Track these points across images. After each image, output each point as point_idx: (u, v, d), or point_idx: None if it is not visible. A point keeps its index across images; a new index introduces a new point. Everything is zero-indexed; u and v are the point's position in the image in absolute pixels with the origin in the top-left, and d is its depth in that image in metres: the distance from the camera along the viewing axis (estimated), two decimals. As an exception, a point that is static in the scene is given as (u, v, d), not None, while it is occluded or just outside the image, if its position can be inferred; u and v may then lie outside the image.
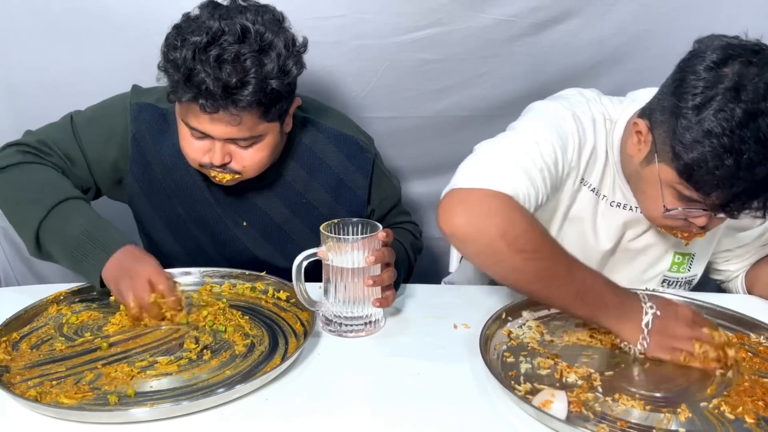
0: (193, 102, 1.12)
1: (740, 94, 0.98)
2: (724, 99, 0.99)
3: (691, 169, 1.02)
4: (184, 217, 1.37)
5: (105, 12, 1.57)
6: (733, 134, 0.98)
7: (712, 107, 0.99)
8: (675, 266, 1.34)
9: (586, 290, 1.03)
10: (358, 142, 1.38)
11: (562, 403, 0.90)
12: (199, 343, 1.08)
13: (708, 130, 0.99)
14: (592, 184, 1.25)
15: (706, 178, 1.01)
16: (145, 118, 1.32)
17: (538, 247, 1.02)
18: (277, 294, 1.25)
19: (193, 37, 1.11)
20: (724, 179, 1.00)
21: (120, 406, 0.92)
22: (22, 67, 1.61)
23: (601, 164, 1.23)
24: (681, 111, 1.03)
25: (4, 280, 1.84)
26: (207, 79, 1.09)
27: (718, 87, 0.99)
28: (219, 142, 1.18)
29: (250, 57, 1.11)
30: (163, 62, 1.16)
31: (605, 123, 1.23)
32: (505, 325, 1.14)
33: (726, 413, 0.93)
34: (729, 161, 0.98)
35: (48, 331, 1.13)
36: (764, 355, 1.09)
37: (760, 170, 0.99)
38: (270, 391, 0.98)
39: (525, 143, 1.12)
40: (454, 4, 1.60)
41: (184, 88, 1.11)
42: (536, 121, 1.18)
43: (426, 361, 1.07)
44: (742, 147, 0.98)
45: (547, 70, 1.68)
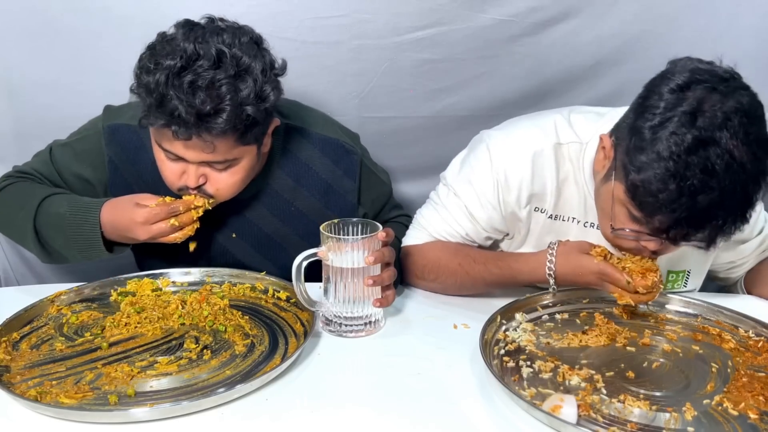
0: (166, 128, 1.10)
1: (696, 119, 0.97)
2: (679, 123, 0.97)
3: (636, 189, 1.01)
4: None
5: (105, 12, 1.57)
6: (680, 159, 0.96)
7: (667, 129, 0.98)
8: (670, 284, 1.34)
9: (491, 283, 1.26)
10: (344, 146, 1.36)
11: (571, 407, 0.90)
12: (199, 343, 1.08)
13: (658, 152, 0.98)
14: (548, 210, 1.27)
15: (649, 200, 1.00)
16: (119, 140, 1.31)
17: (436, 272, 1.29)
18: (277, 294, 1.25)
19: (166, 60, 1.07)
20: (666, 203, 0.99)
21: (120, 406, 0.93)
22: (22, 67, 1.60)
23: (552, 193, 1.25)
24: (638, 130, 1.02)
25: (4, 280, 1.83)
26: (180, 105, 1.05)
27: (677, 109, 0.98)
28: (193, 165, 1.16)
29: (225, 83, 1.07)
30: (135, 85, 1.12)
31: (559, 150, 1.24)
32: (500, 329, 1.14)
33: (729, 410, 0.94)
34: (672, 186, 0.97)
35: (48, 331, 1.13)
36: (754, 349, 1.10)
37: (702, 199, 0.97)
38: (270, 391, 0.98)
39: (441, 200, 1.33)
40: (454, 4, 1.60)
41: (156, 113, 1.08)
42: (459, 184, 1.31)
43: (426, 361, 1.07)
44: (687, 173, 0.96)
45: (547, 70, 1.68)
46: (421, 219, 1.36)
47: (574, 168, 1.24)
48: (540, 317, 1.20)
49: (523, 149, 1.24)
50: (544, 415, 0.89)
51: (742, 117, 0.97)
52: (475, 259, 1.27)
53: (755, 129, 0.98)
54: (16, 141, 1.67)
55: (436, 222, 1.32)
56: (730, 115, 0.96)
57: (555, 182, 1.24)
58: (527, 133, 1.26)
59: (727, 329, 1.16)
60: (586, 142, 1.23)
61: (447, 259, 1.28)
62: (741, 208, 1.00)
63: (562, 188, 1.25)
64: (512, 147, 1.25)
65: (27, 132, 1.66)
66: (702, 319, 1.19)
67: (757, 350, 1.09)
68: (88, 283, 1.25)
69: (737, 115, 0.97)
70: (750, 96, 1.00)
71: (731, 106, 0.97)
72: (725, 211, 0.99)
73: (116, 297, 1.23)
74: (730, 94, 0.98)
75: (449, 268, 1.28)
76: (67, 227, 1.20)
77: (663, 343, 1.11)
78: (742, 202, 0.99)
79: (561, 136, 1.24)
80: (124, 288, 1.26)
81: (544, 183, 1.24)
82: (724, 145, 0.96)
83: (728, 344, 1.11)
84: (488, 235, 1.31)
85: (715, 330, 1.15)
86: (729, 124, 0.96)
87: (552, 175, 1.24)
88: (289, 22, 1.59)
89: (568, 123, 1.26)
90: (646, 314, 1.21)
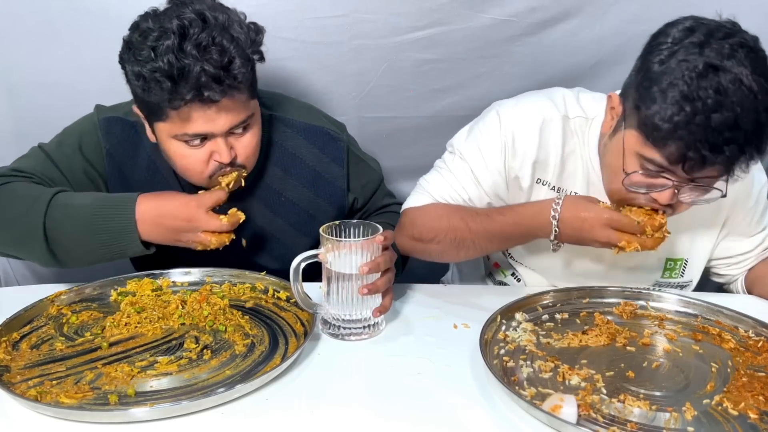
0: (193, 101, 1.11)
1: (704, 49, 1.00)
2: (687, 51, 1.01)
3: (650, 120, 1.03)
4: None
5: (105, 12, 1.56)
6: (692, 82, 0.99)
7: (677, 57, 1.01)
8: (667, 272, 1.34)
9: (493, 234, 1.24)
10: (329, 133, 1.38)
11: (571, 407, 0.90)
12: (199, 342, 1.08)
13: (669, 81, 1.01)
14: (551, 182, 1.28)
15: (663, 127, 1.01)
16: (116, 131, 1.31)
17: (436, 230, 1.26)
18: (277, 294, 1.25)
19: (162, 42, 1.09)
20: (681, 125, 1.00)
21: (120, 405, 0.93)
22: (22, 67, 1.60)
23: (557, 164, 1.26)
24: (646, 67, 1.05)
25: (4, 280, 1.83)
26: (203, 68, 1.08)
27: (684, 42, 1.02)
28: (221, 139, 1.18)
29: (221, 36, 1.11)
30: (141, 83, 1.11)
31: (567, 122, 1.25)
32: (500, 329, 1.14)
33: (729, 410, 0.94)
34: (687, 107, 0.99)
35: (48, 330, 1.13)
36: (754, 349, 1.10)
37: (716, 117, 0.98)
38: (270, 391, 0.98)
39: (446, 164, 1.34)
40: (454, 4, 1.60)
41: (182, 90, 1.09)
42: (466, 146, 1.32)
43: (426, 361, 1.07)
44: (700, 93, 0.98)
45: (547, 70, 1.68)
46: (424, 183, 1.35)
47: (580, 142, 1.26)
48: (540, 317, 1.19)
49: (533, 117, 1.26)
50: (544, 414, 0.89)
51: (749, 51, 1.00)
52: (478, 212, 1.27)
53: (761, 64, 1.01)
54: (16, 141, 1.66)
55: (440, 185, 1.32)
56: (736, 47, 1.00)
57: (560, 153, 1.25)
58: (537, 103, 1.28)
59: (727, 329, 1.16)
60: (592, 118, 1.25)
61: (448, 215, 1.26)
62: (755, 134, 1.01)
63: (567, 161, 1.26)
64: (522, 113, 1.27)
65: (27, 132, 1.65)
66: (702, 319, 1.19)
67: (757, 350, 1.09)
68: (88, 283, 1.25)
69: (743, 48, 1.00)
70: (753, 37, 1.04)
71: (737, 41, 1.01)
72: (739, 132, 1.00)
73: (116, 297, 1.23)
74: (734, 33, 1.02)
75: (450, 223, 1.25)
76: (92, 219, 1.15)
77: (663, 343, 1.11)
78: (756, 129, 1.00)
79: (569, 110, 1.27)
80: (124, 288, 1.26)
81: (549, 152, 1.26)
82: (734, 72, 0.99)
83: (728, 344, 1.11)
84: (490, 201, 1.31)
85: (715, 330, 1.15)
86: (736, 54, 1.00)
87: (558, 146, 1.25)
88: (289, 22, 1.59)
89: (576, 99, 1.29)
90: (646, 314, 1.21)
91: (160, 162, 1.31)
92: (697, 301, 1.22)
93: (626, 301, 1.23)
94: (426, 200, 1.32)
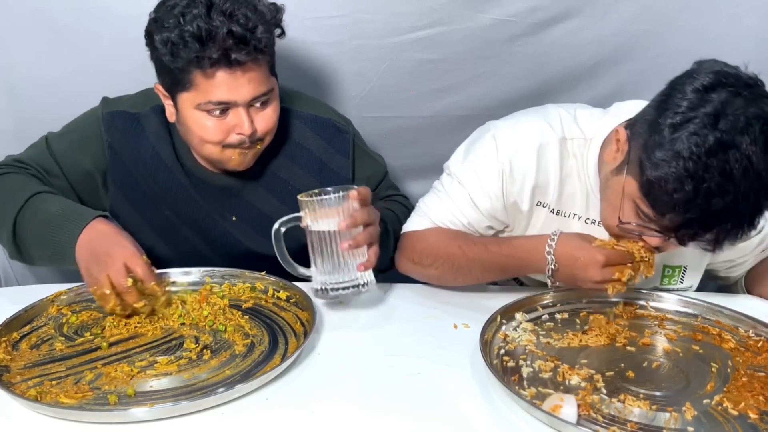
0: (219, 65, 1.15)
1: (719, 122, 0.96)
2: (701, 123, 0.97)
3: (651, 185, 1.01)
4: (172, 219, 1.37)
5: (105, 12, 1.57)
6: (699, 160, 0.96)
7: (688, 129, 0.98)
8: (666, 279, 1.33)
9: (489, 265, 1.24)
10: (335, 124, 1.41)
11: (571, 407, 0.90)
12: (199, 342, 1.09)
13: (677, 151, 0.98)
14: (550, 205, 1.27)
15: (663, 199, 1.00)
16: (118, 125, 1.33)
17: (434, 256, 1.28)
18: (277, 294, 1.24)
19: (188, 10, 1.14)
20: (680, 203, 0.99)
21: (120, 405, 0.93)
22: (22, 67, 1.60)
23: (555, 187, 1.25)
24: (658, 126, 1.02)
25: (4, 280, 1.83)
26: (232, 28, 1.13)
27: (699, 110, 0.98)
28: (242, 109, 1.21)
29: (246, 7, 1.16)
30: (169, 49, 1.15)
31: (564, 145, 1.25)
32: (500, 328, 1.14)
33: (729, 410, 0.94)
34: (689, 186, 0.97)
35: (48, 330, 1.13)
36: (754, 348, 1.10)
37: (717, 202, 0.97)
38: (270, 391, 0.98)
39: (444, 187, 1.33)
40: (454, 4, 1.60)
41: (210, 52, 1.13)
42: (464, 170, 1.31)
43: (426, 361, 1.07)
44: (705, 175, 0.96)
45: (547, 70, 1.68)
46: (423, 206, 1.36)
47: (578, 164, 1.25)
48: (540, 317, 1.19)
49: (530, 141, 1.25)
50: (544, 414, 0.89)
51: (764, 125, 0.97)
52: (475, 241, 1.28)
53: None
54: (16, 141, 1.65)
55: (439, 209, 1.32)
56: (752, 120, 0.96)
57: (558, 176, 1.25)
58: (534, 126, 1.27)
59: (727, 329, 1.16)
60: (590, 138, 1.24)
61: (447, 242, 1.28)
62: (751, 214, 1.00)
63: (565, 183, 1.26)
64: (519, 138, 1.26)
65: (27, 132, 1.64)
66: (702, 319, 1.19)
67: (757, 350, 1.09)
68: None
69: (759, 122, 0.97)
70: None
71: (754, 113, 0.97)
72: (737, 216, 0.99)
73: None
74: (753, 100, 0.98)
75: (448, 251, 1.27)
76: (49, 225, 1.17)
77: (663, 343, 1.11)
78: (754, 209, 1.00)
79: (566, 131, 1.25)
80: None
81: (548, 176, 1.25)
82: (744, 150, 0.96)
83: (728, 344, 1.11)
84: (489, 225, 1.31)
85: (715, 330, 1.15)
86: (750, 129, 0.96)
87: (556, 169, 1.24)
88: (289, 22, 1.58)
89: (573, 118, 1.27)
90: (646, 314, 1.21)
91: (164, 152, 1.33)
92: (697, 301, 1.22)
93: (626, 300, 1.23)
94: (426, 224, 1.33)
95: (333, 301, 1.17)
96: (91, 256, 1.12)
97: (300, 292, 1.20)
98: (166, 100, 1.27)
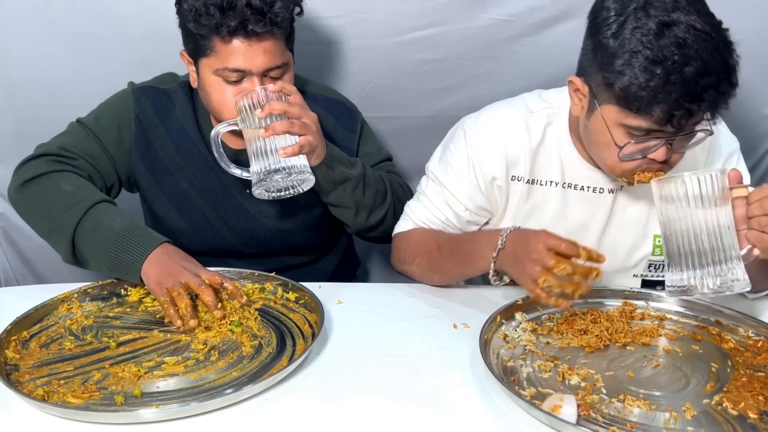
0: (236, 34, 1.21)
1: (649, 10, 1.04)
2: (635, 18, 1.04)
3: (626, 91, 1.05)
4: (188, 191, 1.42)
5: (105, 12, 1.57)
6: (653, 45, 1.02)
7: (628, 28, 1.04)
8: (657, 249, 1.34)
9: (456, 254, 1.25)
10: (345, 104, 1.47)
11: (571, 407, 0.91)
12: (207, 343, 1.09)
13: (630, 49, 1.04)
14: (523, 177, 1.30)
15: (642, 95, 1.04)
16: (148, 98, 1.40)
17: (414, 254, 1.33)
18: (286, 295, 1.25)
19: None
20: (659, 88, 1.02)
21: (126, 406, 0.93)
22: (22, 67, 1.60)
23: (527, 158, 1.28)
24: (602, 45, 1.07)
25: (4, 280, 1.84)
26: (250, 1, 1.19)
27: (627, 10, 1.05)
28: (257, 78, 1.25)
29: None
30: (193, 16, 1.21)
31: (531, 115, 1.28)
32: (500, 329, 1.15)
33: (729, 409, 0.94)
34: (658, 70, 1.02)
35: (58, 330, 1.13)
36: (754, 348, 1.11)
37: (689, 70, 1.01)
38: (270, 391, 0.98)
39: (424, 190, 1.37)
40: (454, 4, 1.60)
41: (230, 17, 1.19)
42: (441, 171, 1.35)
43: (426, 361, 1.07)
44: (665, 53, 1.01)
45: (547, 70, 1.68)
46: (408, 210, 1.40)
47: (549, 131, 1.28)
48: (540, 317, 1.20)
49: (495, 123, 1.30)
50: (543, 414, 0.90)
51: None
52: (450, 235, 1.32)
53: (701, 5, 1.06)
54: (16, 141, 1.66)
55: (419, 210, 1.36)
56: None
57: (528, 147, 1.28)
58: (498, 110, 1.32)
59: (727, 329, 1.17)
60: (558, 106, 1.29)
61: (425, 239, 1.33)
62: (725, 71, 1.05)
63: (537, 152, 1.29)
64: (484, 123, 1.31)
65: (27, 132, 1.65)
66: (701, 319, 1.20)
67: (757, 350, 1.10)
68: (98, 283, 1.26)
69: None
70: None
71: None
72: (712, 76, 1.03)
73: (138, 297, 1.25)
74: None
75: (425, 248, 1.31)
76: (111, 243, 1.20)
77: (663, 343, 1.12)
78: (724, 66, 1.04)
79: (531, 106, 1.30)
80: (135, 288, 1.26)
81: (517, 150, 1.28)
82: (684, 21, 1.02)
83: (728, 344, 1.12)
84: (470, 219, 1.34)
85: (715, 330, 1.16)
86: (679, 4, 1.04)
87: (524, 141, 1.27)
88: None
89: (538, 96, 1.33)
90: (646, 314, 1.22)
91: (188, 124, 1.40)
92: (697, 301, 1.22)
93: (626, 301, 1.24)
94: (409, 226, 1.38)
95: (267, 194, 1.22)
96: (163, 270, 1.17)
97: (309, 293, 1.21)
98: (190, 66, 1.33)
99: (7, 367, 1.02)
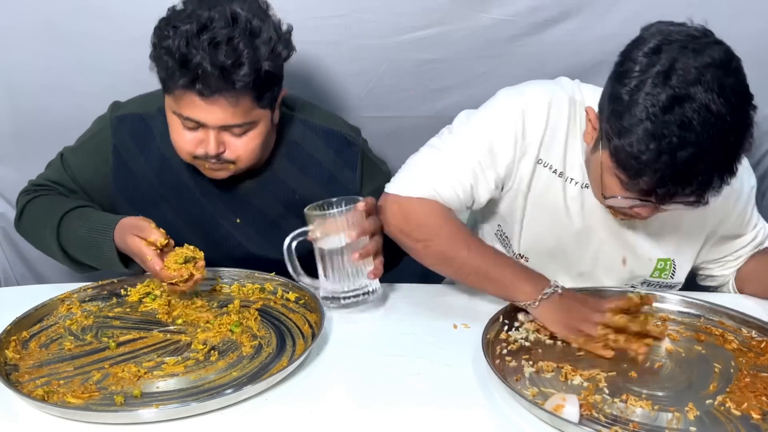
0: (189, 88, 1.14)
1: (670, 78, 0.98)
2: (653, 83, 0.99)
3: (619, 152, 1.03)
4: (175, 221, 1.36)
5: (105, 12, 1.56)
6: (656, 118, 0.98)
7: (643, 91, 1.00)
8: (657, 272, 1.33)
9: (487, 270, 1.17)
10: (345, 137, 1.40)
11: (573, 406, 0.91)
12: (207, 344, 1.09)
13: (635, 115, 1.00)
14: (553, 165, 1.26)
15: (632, 163, 1.02)
16: (126, 128, 1.34)
17: (432, 236, 1.20)
18: (286, 295, 1.25)
19: (183, 25, 1.13)
20: (648, 164, 1.00)
21: (126, 406, 0.93)
22: (22, 67, 1.60)
23: (561, 144, 1.24)
24: (617, 96, 1.04)
25: (4, 281, 1.83)
26: (203, 62, 1.10)
27: (651, 71, 1.00)
28: (213, 131, 1.19)
29: (242, 40, 1.13)
30: (155, 52, 1.17)
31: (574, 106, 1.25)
32: (503, 329, 1.15)
33: (732, 410, 0.94)
34: (651, 145, 0.99)
35: (57, 330, 1.13)
36: (757, 349, 1.10)
37: (681, 155, 0.98)
38: (269, 391, 0.98)
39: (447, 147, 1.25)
40: (454, 4, 1.60)
41: (180, 73, 1.12)
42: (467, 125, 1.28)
43: (426, 361, 1.07)
44: (664, 131, 0.98)
45: (548, 69, 1.67)
46: (417, 167, 1.26)
47: (579, 129, 1.25)
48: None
49: (541, 95, 1.25)
50: (546, 414, 0.90)
51: (716, 70, 0.98)
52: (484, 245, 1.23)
53: (731, 80, 0.99)
54: (16, 141, 1.66)
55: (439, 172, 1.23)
56: (703, 70, 0.98)
57: (565, 134, 1.24)
58: (544, 86, 1.28)
59: (730, 330, 1.16)
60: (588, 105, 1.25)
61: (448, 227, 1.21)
62: (725, 160, 1.01)
63: (570, 144, 1.25)
64: (530, 92, 1.26)
65: (27, 132, 1.65)
66: (705, 320, 1.20)
67: (760, 351, 1.10)
68: (97, 283, 1.26)
69: (710, 68, 0.98)
70: (723, 49, 1.02)
71: (703, 61, 0.99)
72: (707, 164, 1.00)
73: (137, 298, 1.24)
74: (701, 50, 1.00)
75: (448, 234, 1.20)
76: (88, 248, 1.23)
77: (665, 343, 1.12)
78: (725, 154, 1.01)
79: (575, 95, 1.26)
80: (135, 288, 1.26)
81: (555, 133, 1.24)
82: (699, 99, 0.97)
83: (731, 344, 1.12)
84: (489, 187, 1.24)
85: (718, 330, 1.16)
86: (702, 78, 0.98)
87: (564, 126, 1.24)
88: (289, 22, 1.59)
89: (578, 87, 1.29)
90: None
91: (170, 153, 1.32)
92: (700, 302, 1.22)
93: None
94: (425, 193, 1.22)
95: (339, 309, 1.19)
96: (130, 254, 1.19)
97: (308, 293, 1.21)
98: None
99: (6, 367, 1.02)
